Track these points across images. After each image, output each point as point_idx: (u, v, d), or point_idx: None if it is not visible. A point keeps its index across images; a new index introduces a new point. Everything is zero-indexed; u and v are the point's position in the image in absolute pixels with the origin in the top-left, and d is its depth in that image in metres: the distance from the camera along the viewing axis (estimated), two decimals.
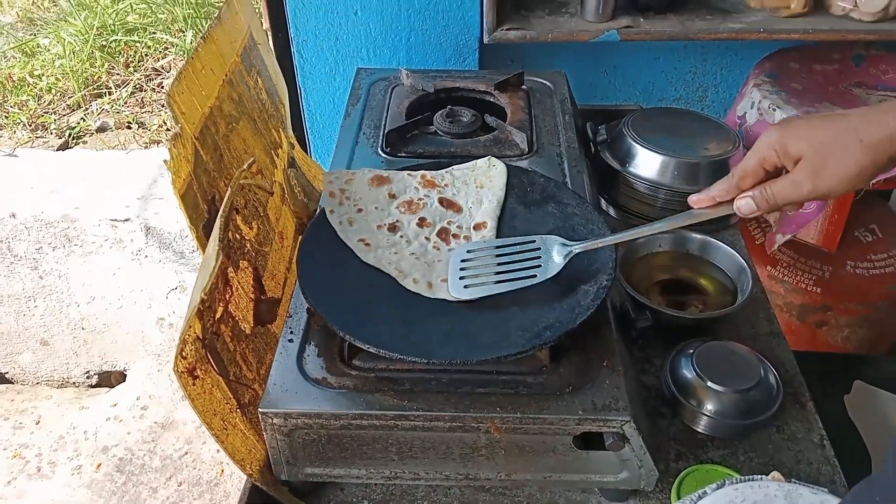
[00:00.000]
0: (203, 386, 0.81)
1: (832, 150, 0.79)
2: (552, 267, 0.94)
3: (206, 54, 0.97)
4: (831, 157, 0.79)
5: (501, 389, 0.87)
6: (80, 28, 3.36)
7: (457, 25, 1.74)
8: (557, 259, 0.95)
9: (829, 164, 0.80)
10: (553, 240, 0.97)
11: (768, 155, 0.85)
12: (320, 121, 1.92)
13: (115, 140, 2.98)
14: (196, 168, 0.87)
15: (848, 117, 0.80)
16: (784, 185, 0.84)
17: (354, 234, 1.00)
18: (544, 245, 0.97)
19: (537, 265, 0.95)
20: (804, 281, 1.80)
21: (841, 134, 0.79)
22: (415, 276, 0.94)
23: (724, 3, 1.77)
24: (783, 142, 0.83)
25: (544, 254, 0.96)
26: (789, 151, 0.82)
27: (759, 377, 1.01)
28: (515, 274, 0.94)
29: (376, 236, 1.00)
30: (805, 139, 0.81)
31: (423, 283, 0.93)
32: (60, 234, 2.26)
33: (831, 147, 0.79)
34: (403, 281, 0.94)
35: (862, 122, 0.79)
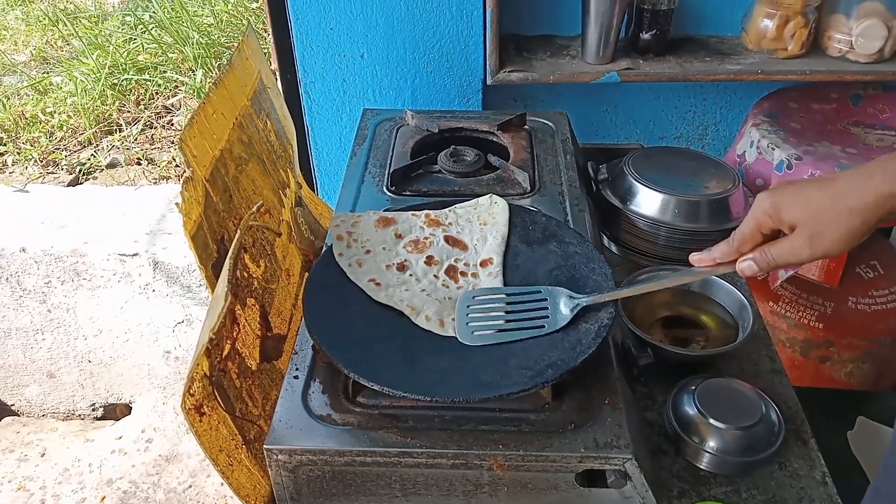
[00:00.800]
0: (210, 422, 0.83)
1: (825, 219, 0.83)
2: (560, 319, 0.96)
3: (217, 99, 1.00)
4: (825, 225, 0.83)
5: (504, 427, 0.88)
6: (92, 67, 3.43)
7: (461, 68, 1.78)
8: (565, 311, 0.97)
9: (824, 232, 0.83)
10: (560, 292, 0.99)
11: (763, 221, 0.88)
12: (327, 160, 1.96)
13: (124, 176, 3.02)
14: (206, 209, 0.89)
15: (836, 183, 0.83)
16: (783, 250, 0.87)
17: (364, 274, 1.02)
18: (551, 297, 0.99)
19: (545, 316, 0.97)
20: (806, 317, 1.80)
21: (832, 202, 0.82)
22: (427, 313, 0.96)
23: (722, 45, 1.81)
24: (776, 208, 0.86)
25: (552, 305, 0.98)
26: (783, 218, 0.86)
27: (761, 414, 1.01)
28: (523, 323, 0.96)
29: (386, 276, 1.02)
30: (798, 207, 0.85)
31: (434, 321, 0.95)
32: (69, 269, 2.28)
33: (823, 216, 0.83)
34: (416, 318, 0.95)
35: (849, 188, 0.82)
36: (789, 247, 0.87)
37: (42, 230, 2.34)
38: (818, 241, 0.84)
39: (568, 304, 0.97)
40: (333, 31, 1.73)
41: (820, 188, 0.84)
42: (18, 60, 3.75)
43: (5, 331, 2.41)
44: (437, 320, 0.95)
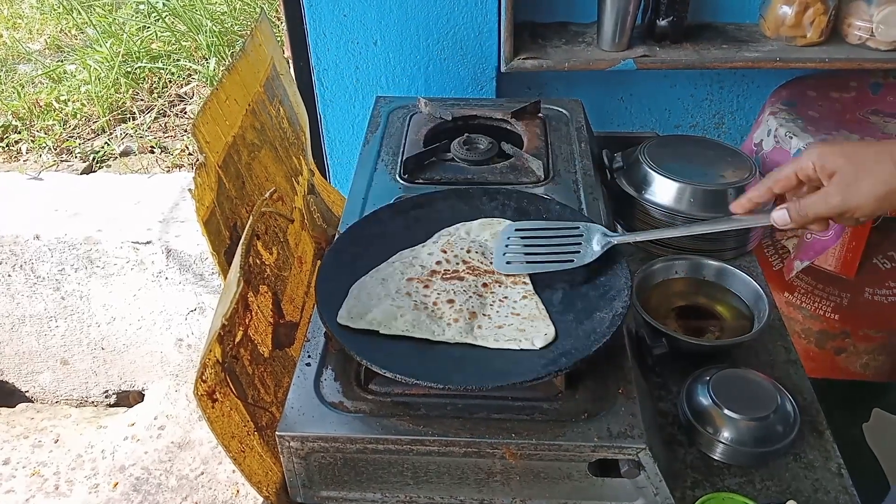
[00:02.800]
0: (222, 409, 0.83)
1: (865, 167, 0.83)
2: (589, 254, 0.99)
3: (230, 85, 1.00)
4: (864, 173, 0.83)
5: (517, 415, 0.87)
6: (105, 55, 3.44)
7: (474, 55, 1.77)
8: (596, 247, 0.99)
9: (861, 180, 0.83)
10: (596, 228, 1.02)
11: (805, 165, 0.88)
12: (340, 148, 1.95)
13: (138, 164, 3.03)
14: (219, 196, 0.89)
15: (887, 143, 0.84)
16: (816, 199, 0.88)
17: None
18: (587, 232, 1.02)
19: (576, 251, 0.99)
20: (822, 307, 1.79)
21: (877, 155, 0.83)
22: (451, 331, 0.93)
23: (739, 32, 1.78)
24: (823, 156, 0.87)
25: (585, 241, 1.01)
26: (826, 166, 0.86)
27: (777, 405, 1.00)
28: (554, 256, 0.99)
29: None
30: (844, 156, 0.85)
31: (458, 329, 0.93)
32: (83, 256, 2.29)
33: (865, 164, 0.83)
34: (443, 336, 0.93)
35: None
36: (823, 193, 0.86)
37: (56, 218, 2.35)
38: (852, 190, 0.84)
39: (600, 241, 1.00)
40: (347, 17, 1.72)
41: (870, 144, 0.86)
42: (33, 49, 3.77)
43: (19, 318, 2.43)
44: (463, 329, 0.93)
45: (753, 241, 1.38)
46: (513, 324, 0.93)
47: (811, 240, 1.64)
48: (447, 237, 1.07)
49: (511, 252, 1.02)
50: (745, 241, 1.37)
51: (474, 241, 1.06)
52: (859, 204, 0.84)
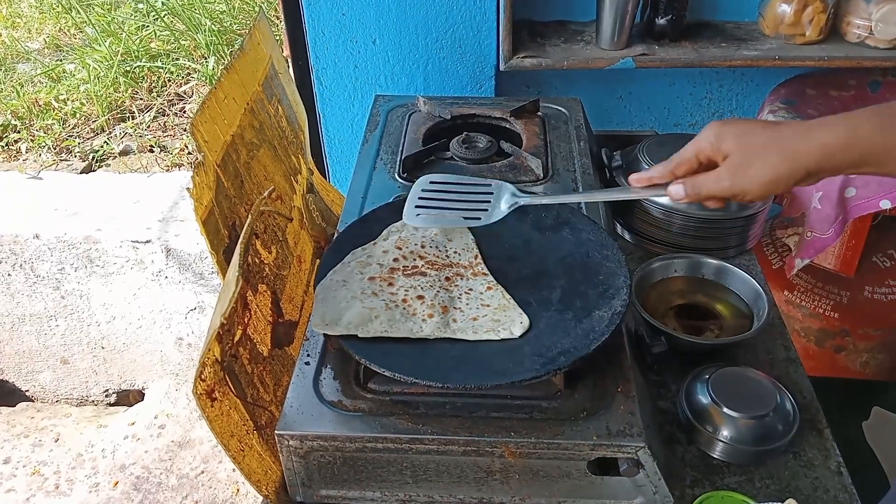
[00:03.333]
0: (221, 408, 0.83)
1: (755, 155, 0.84)
2: (496, 213, 0.99)
3: (228, 84, 1.00)
4: (753, 161, 0.84)
5: (516, 414, 0.87)
6: (104, 54, 3.43)
7: (473, 53, 1.77)
8: (503, 207, 0.99)
9: (750, 166, 0.84)
10: (507, 188, 1.01)
11: (703, 147, 0.89)
12: (339, 146, 1.95)
13: (137, 163, 3.03)
14: (217, 195, 0.89)
15: (780, 127, 0.84)
16: (708, 178, 0.88)
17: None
18: (498, 191, 1.01)
19: (485, 209, 0.99)
20: (822, 306, 1.79)
21: (768, 141, 0.83)
22: (427, 327, 0.93)
23: (738, 31, 1.78)
24: (719, 137, 0.87)
25: (495, 199, 1.00)
26: (721, 147, 0.87)
27: (776, 403, 1.00)
28: (463, 213, 0.99)
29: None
30: (737, 139, 0.85)
31: (434, 325, 0.93)
32: (82, 255, 2.29)
33: (755, 151, 0.84)
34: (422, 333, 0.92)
35: (790, 134, 0.83)
36: (715, 175, 0.88)
37: (55, 217, 2.35)
38: (741, 175, 0.85)
39: (508, 200, 0.99)
40: (345, 16, 1.72)
41: (765, 128, 0.85)
42: (32, 48, 3.76)
43: (19, 317, 2.43)
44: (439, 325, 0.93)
45: (753, 240, 1.38)
46: (486, 315, 0.93)
47: (811, 238, 1.64)
48: (398, 233, 1.07)
49: (422, 206, 1.01)
50: (745, 240, 1.37)
51: (425, 236, 1.06)
52: (747, 188, 0.85)
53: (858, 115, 0.81)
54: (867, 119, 0.80)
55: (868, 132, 0.79)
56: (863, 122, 0.80)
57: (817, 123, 0.82)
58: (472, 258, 1.04)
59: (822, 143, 0.80)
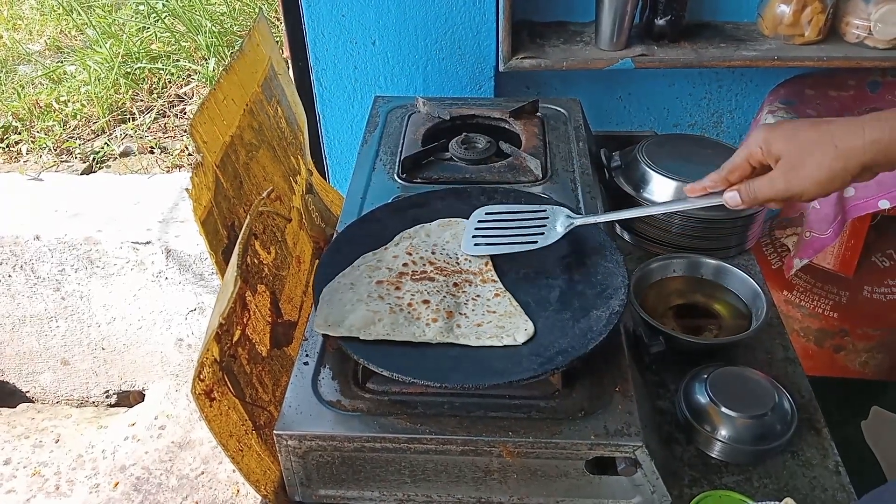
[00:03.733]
0: (220, 408, 0.83)
1: (808, 153, 0.84)
2: (552, 235, 1.03)
3: (227, 85, 1.00)
4: (807, 159, 0.84)
5: (514, 414, 0.88)
6: (105, 56, 3.44)
7: (472, 54, 1.77)
8: (559, 229, 1.03)
9: (804, 166, 0.84)
10: (560, 211, 1.06)
11: (754, 151, 0.89)
12: (338, 147, 1.95)
13: (137, 165, 3.03)
14: (216, 195, 0.89)
15: (830, 124, 0.84)
16: (762, 182, 0.89)
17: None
18: (552, 215, 1.06)
19: (541, 233, 1.03)
20: (821, 306, 1.79)
21: (819, 139, 0.83)
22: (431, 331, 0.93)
23: (737, 31, 1.79)
24: (768, 141, 0.88)
25: (550, 223, 1.05)
26: (772, 150, 0.87)
27: (774, 403, 1.00)
28: (519, 238, 1.03)
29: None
30: (787, 140, 0.86)
31: (437, 329, 0.93)
32: (83, 256, 2.30)
33: (808, 150, 0.84)
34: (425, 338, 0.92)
35: (840, 130, 0.83)
36: (768, 178, 0.88)
37: (56, 218, 2.36)
38: (795, 175, 0.85)
39: (564, 222, 1.04)
40: (345, 17, 1.73)
41: (814, 127, 0.85)
42: (33, 50, 3.77)
43: (20, 318, 2.43)
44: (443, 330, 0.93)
45: (752, 240, 1.38)
46: (491, 321, 0.93)
47: (810, 238, 1.65)
48: (409, 240, 1.07)
49: (479, 235, 1.06)
50: (744, 240, 1.37)
51: (436, 244, 1.07)
52: (804, 188, 0.86)
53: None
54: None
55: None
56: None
57: (869, 119, 0.82)
58: (483, 265, 1.04)
59: (875, 139, 0.80)
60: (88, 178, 2.73)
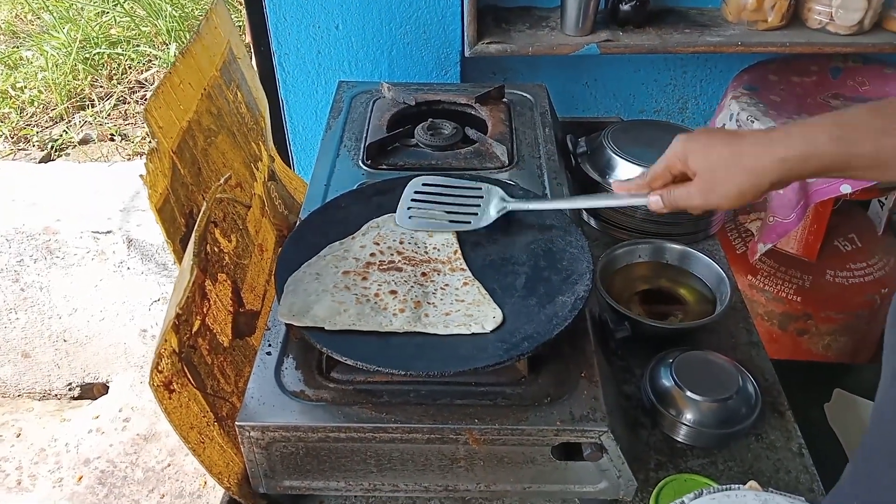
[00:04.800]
0: (180, 399, 0.81)
1: (721, 172, 0.88)
2: (485, 218, 1.04)
3: (184, 69, 0.97)
4: (719, 178, 0.88)
5: (480, 401, 0.87)
6: (63, 41, 3.35)
7: (438, 39, 1.75)
8: (492, 212, 1.05)
9: (717, 184, 0.88)
10: (496, 192, 1.06)
11: (673, 163, 0.93)
12: (303, 133, 1.93)
13: (97, 152, 2.96)
14: (173, 182, 0.87)
15: (741, 141, 0.87)
16: (682, 194, 0.93)
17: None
18: (487, 195, 1.07)
19: (474, 213, 1.05)
20: (784, 290, 1.81)
21: (730, 158, 0.87)
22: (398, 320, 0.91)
23: (701, 17, 1.79)
24: (685, 154, 0.91)
25: (484, 203, 1.06)
26: (689, 164, 0.91)
27: (738, 386, 1.01)
28: (454, 217, 1.05)
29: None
30: (702, 157, 0.90)
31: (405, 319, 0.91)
32: (42, 247, 2.24)
33: (720, 169, 0.88)
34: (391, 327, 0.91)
35: (750, 148, 0.85)
36: (686, 192, 0.92)
37: (13, 208, 2.29)
38: (710, 193, 0.90)
39: (497, 205, 1.05)
40: (307, 1, 1.70)
41: (726, 143, 0.88)
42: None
43: None
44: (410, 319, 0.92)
45: (716, 225, 1.39)
46: (459, 310, 0.92)
47: (773, 223, 1.66)
48: (377, 229, 1.06)
49: (414, 207, 1.06)
50: (708, 225, 1.38)
51: (404, 233, 1.05)
52: (718, 203, 0.90)
53: (816, 127, 0.82)
54: (825, 130, 0.81)
55: (825, 143, 0.80)
56: (820, 134, 0.80)
57: (778, 136, 0.84)
58: (452, 253, 1.02)
59: (782, 158, 0.82)
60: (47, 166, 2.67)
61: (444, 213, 1.05)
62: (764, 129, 0.88)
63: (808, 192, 1.58)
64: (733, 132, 0.91)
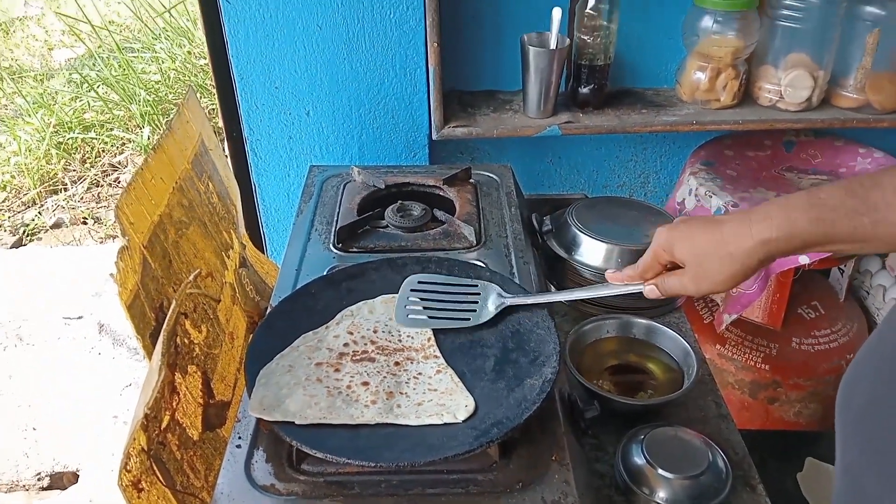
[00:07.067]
0: (149, 498, 0.80)
1: (707, 260, 0.91)
2: (484, 314, 1.06)
3: (156, 164, 1.00)
4: (706, 266, 0.91)
5: (451, 489, 0.87)
6: (36, 126, 3.39)
7: (406, 123, 1.81)
8: (491, 308, 1.06)
9: (707, 272, 0.91)
10: (492, 288, 1.09)
11: (659, 254, 0.97)
12: (275, 217, 1.95)
13: (69, 236, 2.96)
14: (143, 277, 0.88)
15: (721, 228, 0.90)
16: (674, 283, 0.97)
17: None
18: (484, 291, 1.09)
19: (473, 309, 1.06)
20: (752, 358, 1.84)
21: (713, 245, 0.90)
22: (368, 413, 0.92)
23: (657, 97, 1.87)
24: (670, 243, 0.95)
25: (482, 300, 1.08)
26: (675, 254, 0.95)
27: (708, 462, 1.02)
28: (452, 314, 1.06)
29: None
30: (686, 247, 0.93)
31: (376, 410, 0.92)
32: (12, 334, 2.22)
33: (706, 257, 0.91)
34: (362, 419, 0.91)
35: (731, 234, 0.88)
36: (679, 281, 0.96)
37: None
38: (701, 280, 0.93)
39: (495, 301, 1.07)
40: (279, 89, 1.74)
41: (707, 231, 0.91)
42: None
43: None
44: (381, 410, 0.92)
45: (682, 299, 1.42)
46: (432, 399, 0.93)
47: (737, 294, 1.70)
48: (350, 318, 1.07)
49: (412, 305, 1.07)
50: (674, 299, 1.41)
51: (378, 321, 1.07)
52: (711, 290, 0.94)
53: (794, 209, 0.84)
54: (803, 211, 0.83)
55: (805, 224, 0.82)
56: (799, 216, 0.83)
57: (757, 217, 0.86)
58: (425, 340, 1.04)
59: (764, 240, 0.85)
60: (18, 251, 2.66)
61: (442, 311, 1.07)
62: (743, 212, 0.90)
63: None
64: (713, 218, 0.94)
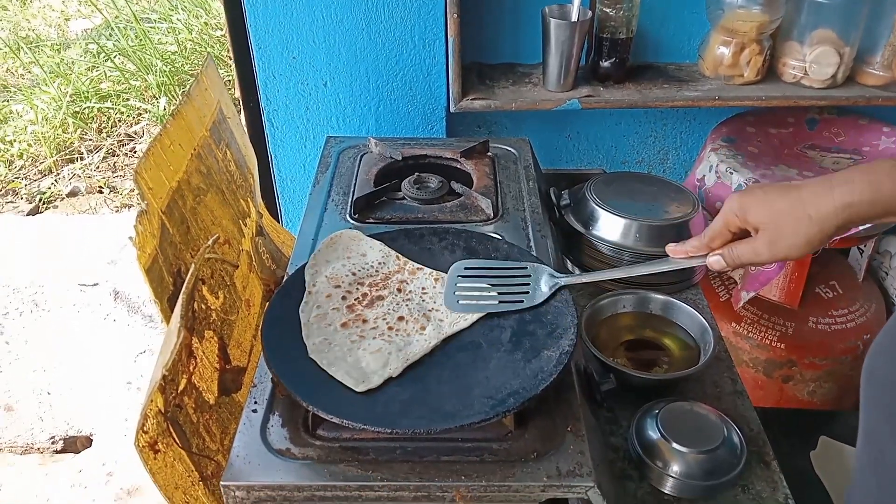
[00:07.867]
0: (165, 460, 0.81)
1: (785, 224, 0.88)
2: (539, 295, 1.03)
3: (174, 131, 0.99)
4: (784, 229, 0.88)
5: (466, 457, 0.87)
6: (53, 95, 3.39)
7: (424, 95, 1.79)
8: (544, 288, 1.03)
9: (784, 237, 0.88)
10: (543, 269, 1.06)
11: (731, 220, 0.94)
12: (291, 187, 1.95)
13: (85, 205, 2.98)
14: (162, 242, 0.88)
15: (800, 190, 0.87)
16: (746, 250, 0.93)
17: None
18: (534, 273, 1.06)
19: (525, 291, 1.03)
20: (768, 337, 1.83)
21: (792, 208, 0.87)
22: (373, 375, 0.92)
23: (679, 72, 1.84)
24: (743, 210, 0.92)
25: (533, 282, 1.04)
26: (748, 220, 0.91)
27: (723, 437, 1.02)
28: (505, 297, 1.02)
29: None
30: (762, 210, 0.90)
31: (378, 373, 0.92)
32: (28, 300, 2.24)
33: (784, 221, 0.88)
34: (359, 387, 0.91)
35: (811, 196, 0.86)
36: (751, 248, 0.92)
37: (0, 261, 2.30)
38: (776, 245, 0.89)
39: (548, 282, 1.04)
40: (296, 59, 1.73)
41: (785, 195, 0.88)
42: None
43: None
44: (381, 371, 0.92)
45: (699, 275, 1.41)
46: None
47: (756, 272, 1.69)
48: (322, 273, 1.05)
49: (461, 291, 1.04)
50: (691, 275, 1.39)
51: (345, 264, 1.06)
52: (786, 255, 0.90)
53: (880, 171, 0.83)
54: (889, 175, 0.82)
55: (890, 188, 0.81)
56: (884, 179, 0.82)
57: (839, 181, 0.85)
58: (396, 259, 1.05)
59: (847, 203, 0.83)
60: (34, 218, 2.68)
61: (493, 295, 1.04)
62: (824, 176, 0.88)
63: None
64: (789, 184, 0.91)
